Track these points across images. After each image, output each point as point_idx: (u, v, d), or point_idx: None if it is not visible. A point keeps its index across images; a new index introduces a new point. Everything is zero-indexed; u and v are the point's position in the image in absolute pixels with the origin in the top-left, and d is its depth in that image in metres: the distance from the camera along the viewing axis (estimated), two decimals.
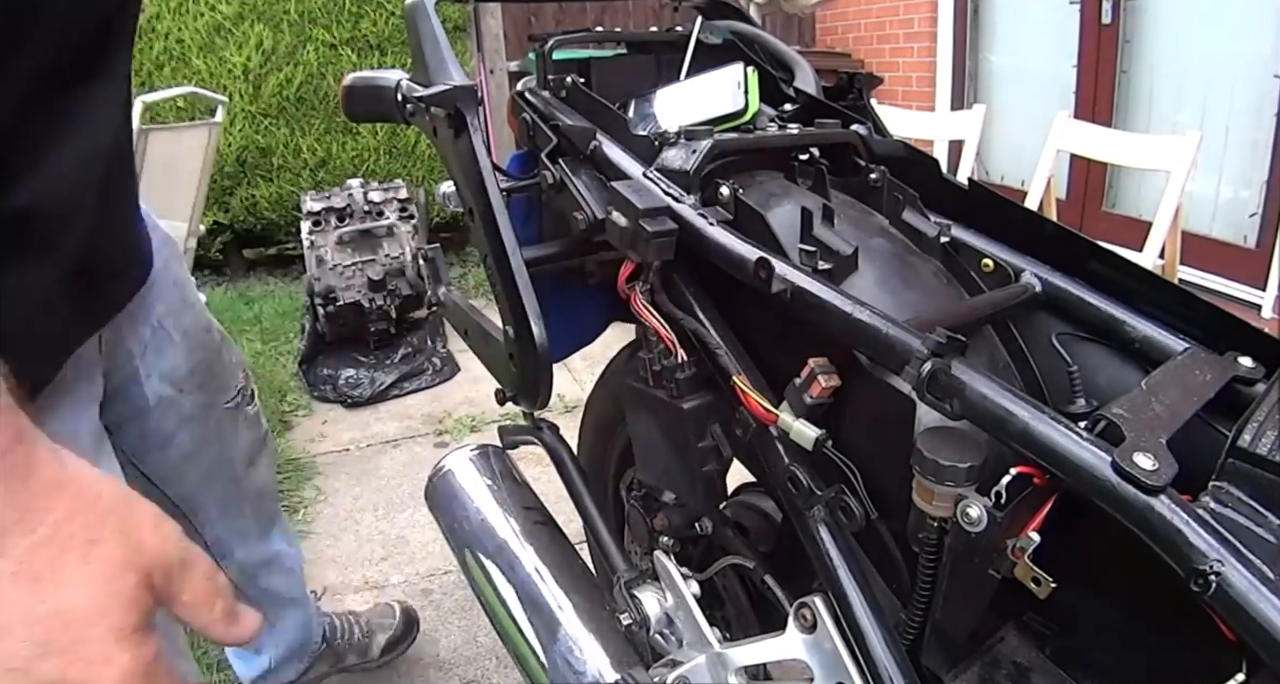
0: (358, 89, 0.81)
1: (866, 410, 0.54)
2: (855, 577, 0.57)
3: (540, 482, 0.97)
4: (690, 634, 0.75)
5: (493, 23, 4.22)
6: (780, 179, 0.70)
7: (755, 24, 0.92)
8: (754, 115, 0.77)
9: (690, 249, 0.63)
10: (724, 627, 0.81)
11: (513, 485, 0.91)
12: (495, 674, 1.59)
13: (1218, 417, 0.45)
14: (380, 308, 2.96)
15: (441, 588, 1.85)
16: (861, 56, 4.86)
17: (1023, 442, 0.43)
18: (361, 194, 3.14)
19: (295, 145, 3.82)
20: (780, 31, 4.96)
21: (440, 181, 0.78)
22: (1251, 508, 0.39)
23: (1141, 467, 0.38)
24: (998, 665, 0.53)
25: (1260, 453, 0.39)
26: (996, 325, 0.55)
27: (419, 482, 1.03)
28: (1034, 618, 0.54)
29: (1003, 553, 0.46)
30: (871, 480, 0.60)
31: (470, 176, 0.68)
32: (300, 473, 2.36)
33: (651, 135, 0.71)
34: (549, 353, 0.66)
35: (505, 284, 0.67)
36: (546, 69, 0.80)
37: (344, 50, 3.82)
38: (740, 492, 0.90)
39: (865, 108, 0.81)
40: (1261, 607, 0.35)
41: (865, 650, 0.56)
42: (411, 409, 2.76)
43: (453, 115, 0.68)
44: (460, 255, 4.11)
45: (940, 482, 0.46)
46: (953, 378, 0.46)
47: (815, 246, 0.59)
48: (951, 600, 0.51)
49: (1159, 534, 0.38)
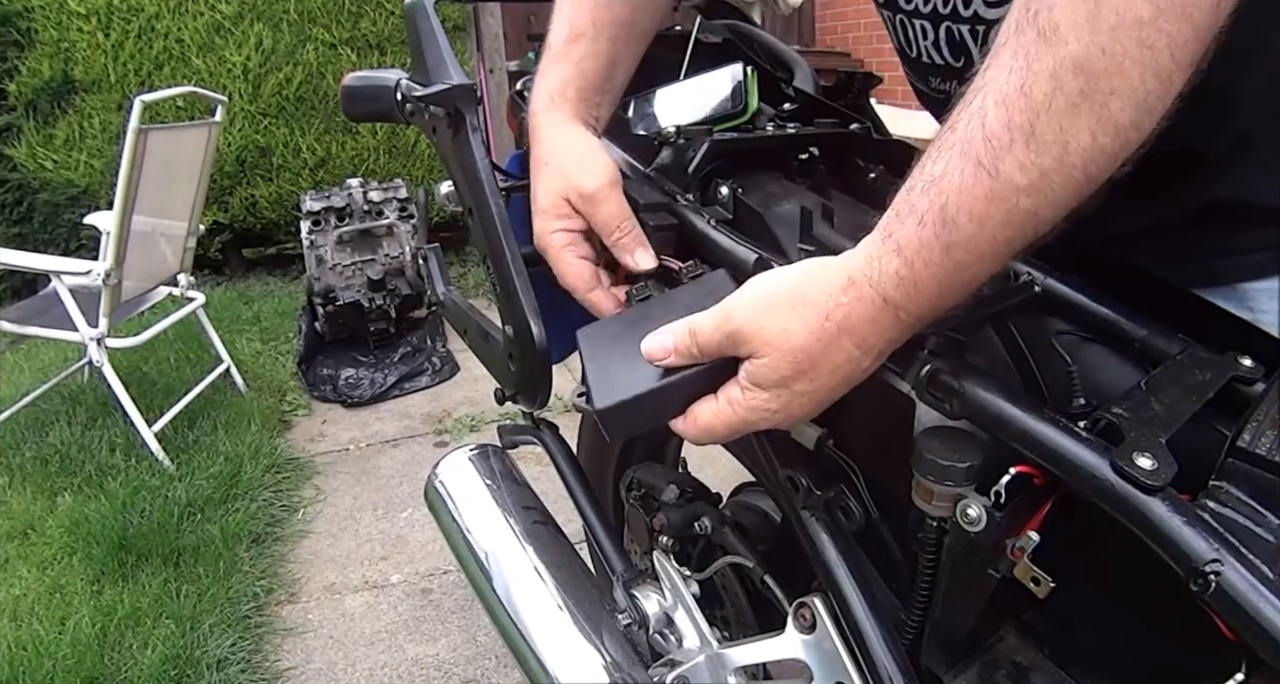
0: (357, 89, 0.80)
1: (866, 410, 0.54)
2: (855, 576, 0.57)
3: (540, 481, 0.97)
4: (689, 634, 0.75)
5: (492, 22, 4.22)
6: (780, 178, 0.70)
7: (755, 23, 0.92)
8: (753, 115, 0.77)
9: (689, 249, 0.63)
10: (723, 626, 0.81)
11: (512, 485, 0.91)
12: (495, 674, 1.59)
13: (1218, 416, 0.45)
14: (380, 307, 2.96)
15: (441, 587, 1.85)
16: (861, 56, 4.87)
17: (1022, 441, 0.43)
18: (361, 194, 3.14)
19: (295, 145, 3.82)
20: (780, 31, 4.96)
21: (440, 181, 0.78)
22: (1251, 508, 0.38)
23: (1141, 466, 0.38)
24: (997, 665, 0.53)
25: (1260, 453, 0.39)
26: (996, 325, 0.55)
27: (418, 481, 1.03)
28: (1034, 618, 0.54)
29: (1002, 553, 0.46)
30: (871, 480, 0.60)
31: (469, 176, 0.68)
32: (300, 472, 2.36)
33: (650, 134, 0.71)
34: (548, 353, 0.66)
35: (504, 284, 0.67)
36: None
37: (343, 50, 3.82)
38: (740, 491, 0.90)
39: (865, 107, 0.81)
40: (1261, 606, 0.34)
41: (864, 650, 0.56)
42: (411, 409, 2.76)
43: (452, 114, 0.68)
44: (460, 255, 4.11)
45: (939, 481, 0.46)
46: (952, 377, 0.46)
47: (815, 246, 0.59)
48: (951, 600, 0.51)
49: (1158, 534, 0.38)
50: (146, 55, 3.67)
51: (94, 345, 2.17)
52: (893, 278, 0.42)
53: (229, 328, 3.18)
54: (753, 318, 0.47)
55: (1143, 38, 0.36)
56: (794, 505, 0.60)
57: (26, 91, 3.74)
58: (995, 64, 0.39)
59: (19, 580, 1.84)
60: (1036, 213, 0.39)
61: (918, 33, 0.65)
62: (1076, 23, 0.36)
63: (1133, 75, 0.36)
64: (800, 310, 0.46)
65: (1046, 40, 0.37)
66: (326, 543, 2.05)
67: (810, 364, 0.46)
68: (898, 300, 0.43)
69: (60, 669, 1.53)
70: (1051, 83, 0.37)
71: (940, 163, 0.41)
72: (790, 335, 0.46)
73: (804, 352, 0.46)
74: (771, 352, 0.46)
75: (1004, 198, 0.39)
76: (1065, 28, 0.37)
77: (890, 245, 0.43)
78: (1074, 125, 0.37)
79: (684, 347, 0.50)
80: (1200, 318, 0.51)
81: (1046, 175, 0.38)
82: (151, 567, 1.85)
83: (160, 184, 2.30)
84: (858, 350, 0.45)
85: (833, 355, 0.45)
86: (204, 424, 2.47)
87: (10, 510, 2.11)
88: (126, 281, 2.22)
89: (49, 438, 2.39)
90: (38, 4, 3.63)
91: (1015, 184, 0.38)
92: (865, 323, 0.44)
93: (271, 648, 1.69)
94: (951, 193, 0.40)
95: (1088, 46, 0.36)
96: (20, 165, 3.78)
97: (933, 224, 0.40)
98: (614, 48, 0.67)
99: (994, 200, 0.39)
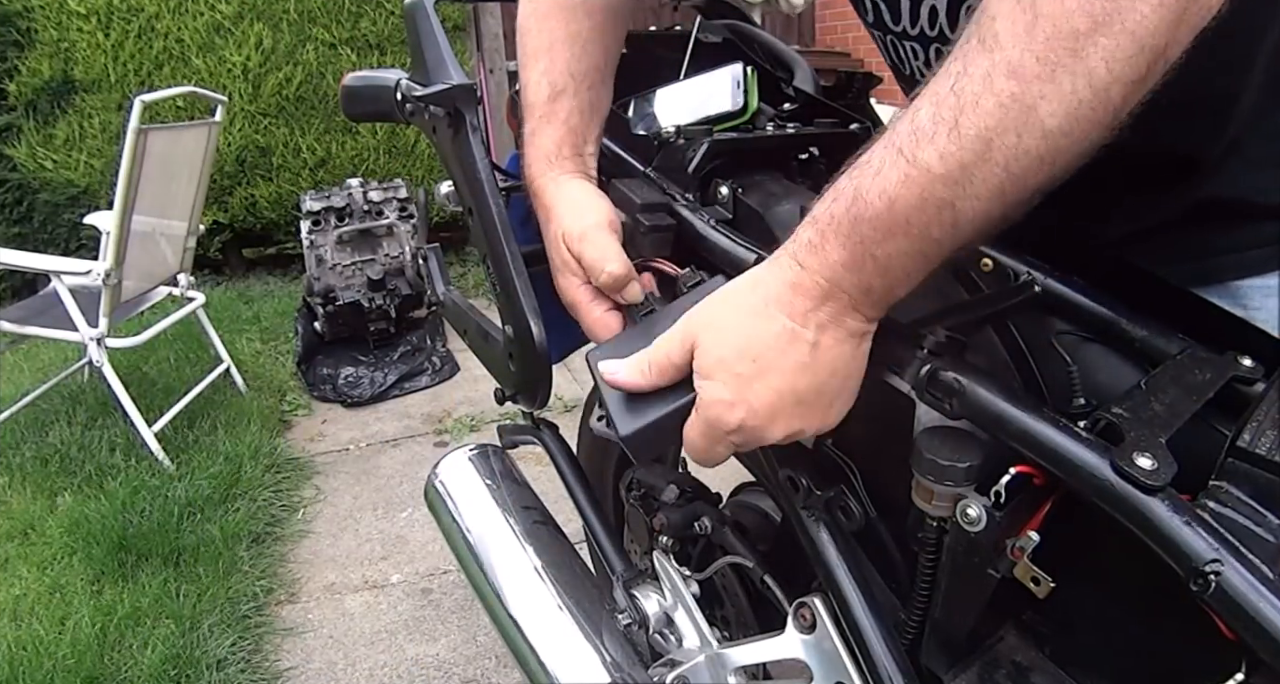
0: (357, 89, 0.80)
1: (866, 409, 0.54)
2: (855, 576, 0.57)
3: (540, 481, 0.97)
4: (689, 634, 0.75)
5: (492, 22, 4.22)
6: (780, 178, 0.70)
7: (754, 23, 0.92)
8: (753, 115, 0.77)
9: (689, 249, 0.63)
10: (723, 626, 0.81)
11: (512, 485, 0.91)
12: (495, 674, 1.59)
13: (1218, 416, 0.45)
14: (380, 307, 2.96)
15: (441, 587, 1.85)
16: (861, 56, 4.87)
17: (1022, 441, 0.43)
18: (361, 193, 3.14)
19: (295, 145, 3.82)
20: (780, 31, 4.96)
21: (440, 181, 0.78)
22: (1251, 508, 0.38)
23: (1141, 466, 0.38)
24: (997, 665, 0.53)
25: (1260, 453, 0.39)
26: (996, 325, 0.55)
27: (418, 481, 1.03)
28: (1034, 618, 0.54)
29: (1002, 552, 0.46)
30: (871, 480, 0.60)
31: (469, 176, 0.68)
32: (300, 472, 2.36)
33: (650, 134, 0.71)
34: (548, 352, 0.66)
35: (504, 283, 0.67)
36: None
37: (343, 49, 3.82)
38: (740, 491, 0.90)
39: (865, 107, 0.81)
40: (1261, 606, 0.35)
41: (864, 650, 0.56)
42: (411, 409, 2.76)
43: (452, 114, 0.68)
44: (460, 255, 4.11)
45: (939, 481, 0.46)
46: (952, 377, 0.46)
47: None
48: (951, 600, 0.51)
49: (1158, 534, 0.38)
50: (146, 55, 3.67)
51: (94, 345, 2.17)
52: (806, 246, 0.46)
53: (229, 328, 3.18)
54: (698, 312, 0.50)
55: (1076, 49, 0.37)
56: (794, 505, 0.60)
57: (26, 91, 3.74)
58: (939, 72, 0.41)
59: (19, 580, 1.84)
60: (954, 203, 0.41)
61: (908, 53, 0.66)
62: (1015, 32, 0.38)
63: (1064, 83, 0.38)
64: (734, 294, 0.49)
65: (985, 46, 0.39)
66: (326, 543, 2.05)
67: (746, 341, 0.47)
68: (812, 265, 0.45)
69: (60, 669, 1.53)
70: (983, 84, 0.39)
71: (868, 152, 0.44)
72: (723, 316, 0.48)
73: (737, 328, 0.47)
74: (709, 335, 0.48)
75: (918, 182, 0.41)
76: (1004, 36, 0.39)
77: (808, 219, 0.46)
78: (999, 124, 0.39)
79: (657, 364, 0.51)
80: (1200, 318, 0.51)
81: (966, 168, 0.40)
82: (151, 567, 1.85)
83: (160, 184, 2.30)
84: (790, 321, 0.46)
85: (767, 328, 0.46)
86: (204, 424, 2.47)
87: (10, 510, 2.11)
88: (126, 281, 2.22)
89: (49, 438, 2.39)
90: (38, 4, 3.63)
91: (931, 171, 0.40)
92: (787, 289, 0.46)
93: (271, 648, 1.69)
94: (869, 175, 0.43)
95: (1022, 53, 0.38)
96: (20, 165, 3.78)
97: (845, 200, 0.44)
98: (594, 95, 0.69)
99: (907, 184, 0.41)
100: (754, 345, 0.47)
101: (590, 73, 0.68)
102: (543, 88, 0.67)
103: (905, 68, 0.68)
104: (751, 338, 0.47)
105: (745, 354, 0.47)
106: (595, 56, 0.68)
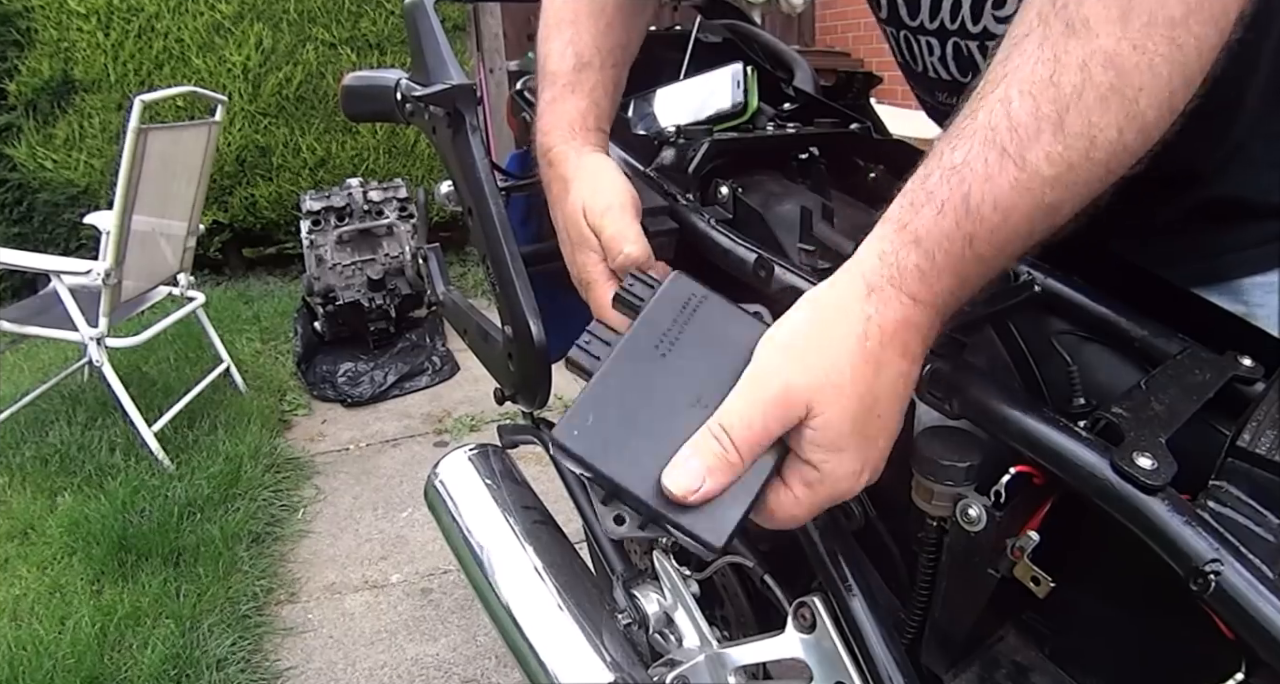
0: (357, 88, 0.80)
1: None
2: (854, 576, 0.57)
3: (540, 481, 0.97)
4: (689, 634, 0.75)
5: (492, 22, 4.22)
6: (780, 178, 0.70)
7: (754, 23, 0.92)
8: (753, 115, 0.77)
9: (690, 249, 0.63)
10: (723, 626, 0.81)
11: (512, 485, 0.91)
12: (495, 674, 1.59)
13: (1218, 416, 0.45)
14: (380, 307, 2.96)
15: (441, 587, 1.85)
16: (861, 56, 4.86)
17: (1022, 441, 0.43)
18: (361, 193, 3.14)
19: (295, 145, 3.82)
20: (780, 31, 4.96)
21: (440, 181, 0.78)
22: (1251, 507, 0.38)
23: (1141, 466, 0.38)
24: (997, 665, 0.53)
25: (1260, 453, 0.39)
26: (996, 325, 0.55)
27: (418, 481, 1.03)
28: (1034, 618, 0.54)
29: (1002, 552, 0.46)
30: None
31: (469, 176, 0.68)
32: (300, 472, 2.36)
33: (650, 134, 0.71)
34: (548, 352, 0.66)
35: (504, 283, 0.67)
36: None
37: (343, 49, 3.82)
38: None
39: (865, 107, 0.81)
40: (1260, 606, 0.34)
41: (864, 650, 0.56)
42: (411, 408, 2.76)
43: (451, 114, 0.68)
44: (460, 255, 4.11)
45: (939, 481, 0.46)
46: (952, 377, 0.46)
47: (815, 246, 0.59)
48: (951, 600, 0.51)
49: (1158, 533, 0.38)
50: (146, 55, 3.67)
51: (94, 345, 2.17)
52: (914, 273, 0.39)
53: (229, 327, 3.18)
54: (790, 376, 0.40)
55: (1173, 37, 0.35)
56: None
57: (26, 91, 3.74)
58: (1018, 54, 0.38)
59: (19, 580, 1.84)
60: (1059, 207, 0.38)
61: (923, 48, 0.64)
62: (1108, 18, 0.36)
63: (1162, 73, 0.36)
64: (835, 343, 0.40)
65: (1076, 33, 0.36)
66: (326, 543, 2.05)
67: (872, 395, 0.41)
68: (924, 297, 0.40)
69: (60, 669, 1.53)
70: (1081, 75, 0.36)
71: (960, 151, 0.38)
72: (839, 372, 0.40)
73: (862, 383, 0.40)
74: (828, 401, 0.40)
75: (1030, 188, 0.37)
76: (1096, 22, 0.36)
77: (906, 236, 0.40)
78: (1103, 119, 0.36)
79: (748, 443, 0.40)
80: (1200, 317, 0.51)
81: (1073, 168, 0.37)
82: (151, 566, 1.85)
83: (160, 184, 2.30)
84: (904, 360, 0.41)
85: (887, 375, 0.41)
86: (204, 424, 2.47)
87: (10, 510, 2.11)
88: (126, 281, 2.22)
89: (49, 438, 2.39)
90: (38, 4, 3.63)
91: (1042, 175, 0.37)
92: (902, 328, 0.40)
93: (271, 648, 1.69)
94: (975, 181, 0.38)
95: (1119, 41, 0.36)
96: (20, 165, 3.78)
97: (954, 213, 0.38)
98: (617, 74, 0.67)
99: (1020, 190, 0.37)
100: (880, 402, 0.41)
101: (615, 51, 0.65)
102: (568, 57, 0.64)
103: (918, 64, 0.67)
104: (877, 393, 0.41)
105: (872, 412, 0.41)
106: (620, 36, 0.66)
